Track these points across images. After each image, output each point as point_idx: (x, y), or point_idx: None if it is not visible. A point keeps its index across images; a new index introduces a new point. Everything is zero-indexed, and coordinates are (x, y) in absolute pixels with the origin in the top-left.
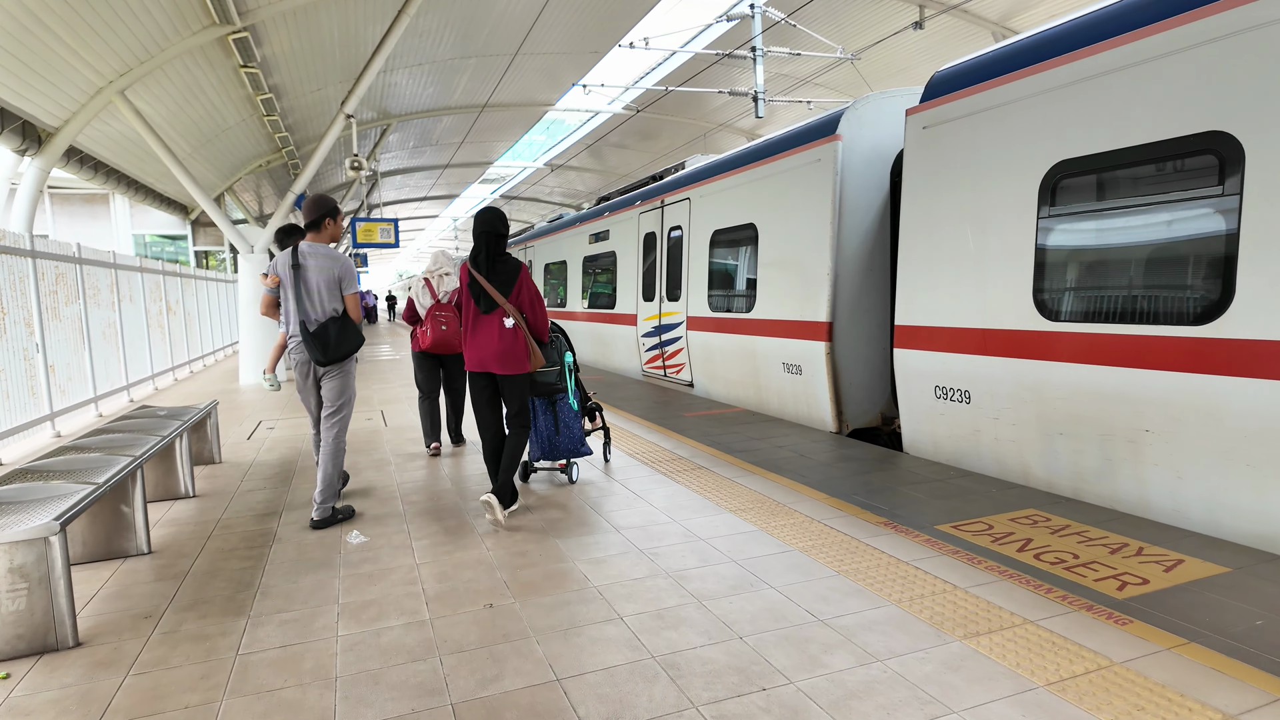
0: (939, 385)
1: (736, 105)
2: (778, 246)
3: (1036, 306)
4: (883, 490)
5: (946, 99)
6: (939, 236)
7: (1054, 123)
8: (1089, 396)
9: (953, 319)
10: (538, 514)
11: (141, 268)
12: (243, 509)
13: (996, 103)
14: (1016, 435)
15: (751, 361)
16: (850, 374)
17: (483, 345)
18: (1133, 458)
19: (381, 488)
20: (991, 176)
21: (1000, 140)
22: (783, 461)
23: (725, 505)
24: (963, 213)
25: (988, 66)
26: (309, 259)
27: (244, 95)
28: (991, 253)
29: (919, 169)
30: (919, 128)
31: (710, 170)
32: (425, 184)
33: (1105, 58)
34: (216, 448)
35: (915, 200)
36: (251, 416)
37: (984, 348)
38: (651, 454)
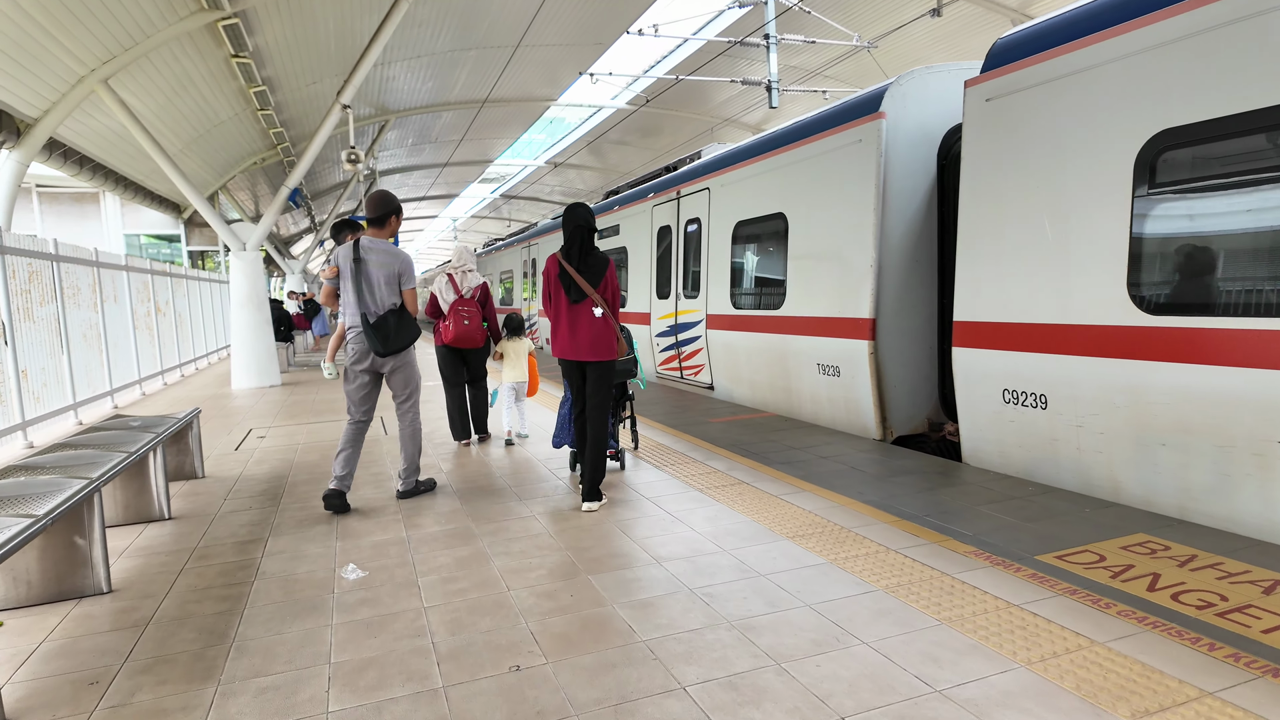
0: (1009, 388)
1: (742, 99)
2: (812, 237)
3: (1133, 299)
4: (958, 511)
5: (1016, 66)
6: (1009, 222)
7: (1156, 86)
8: (1202, 402)
9: (1027, 314)
10: (563, 540)
11: (127, 266)
12: (224, 534)
13: (1081, 66)
14: (1105, 445)
15: (781, 363)
16: (895, 376)
17: (574, 334)
18: (1260, 473)
19: (380, 508)
20: (1075, 151)
21: (1086, 109)
22: (832, 475)
23: (780, 530)
24: (1039, 194)
25: (1068, 26)
26: (370, 254)
27: (236, 88)
28: (1075, 238)
29: (983, 146)
30: (981, 100)
31: (733, 157)
32: (424, 183)
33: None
34: (199, 461)
35: (979, 181)
36: (242, 424)
37: (1066, 346)
38: (682, 466)
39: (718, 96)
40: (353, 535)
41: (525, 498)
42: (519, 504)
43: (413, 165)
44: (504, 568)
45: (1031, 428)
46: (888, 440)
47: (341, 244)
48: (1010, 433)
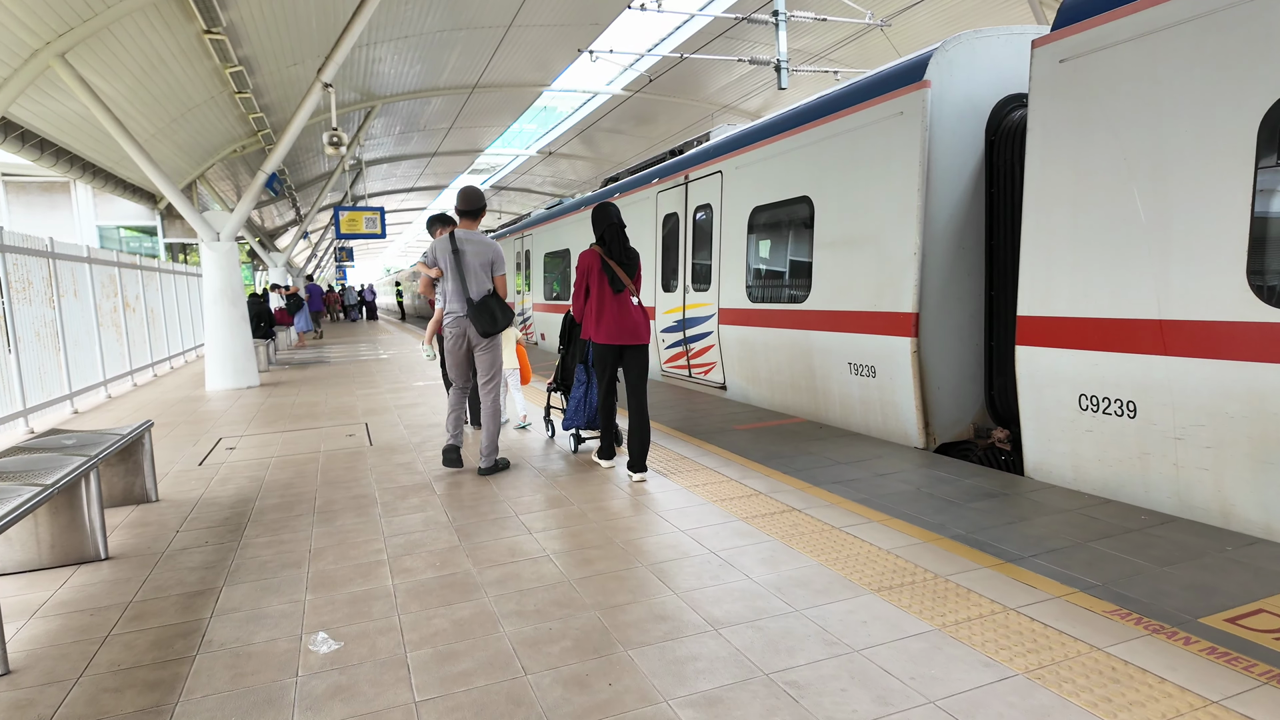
0: (1086, 393)
1: (741, 85)
2: (843, 222)
3: (1254, 290)
4: (1068, 549)
5: (1098, 20)
6: (1090, 200)
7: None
8: None
9: (1112, 308)
10: (588, 593)
11: (89, 258)
12: (168, 582)
13: (1188, 15)
14: (1214, 462)
15: (806, 361)
16: (939, 376)
17: (624, 321)
18: None
19: (363, 544)
20: (1179, 116)
21: (1194, 67)
22: (897, 499)
23: (859, 579)
24: (1130, 167)
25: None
26: (467, 244)
27: (211, 68)
28: (1179, 218)
29: (1057, 114)
30: (1053, 62)
31: (749, 137)
32: (412, 174)
33: None
34: (151, 481)
35: (1052, 154)
36: (210, 432)
37: (1163, 345)
38: (716, 486)
39: (715, 82)
40: (328, 583)
41: (530, 514)
42: (527, 536)
43: (400, 155)
44: (516, 636)
45: (1116, 439)
46: (930, 448)
47: (436, 237)
48: (1087, 444)
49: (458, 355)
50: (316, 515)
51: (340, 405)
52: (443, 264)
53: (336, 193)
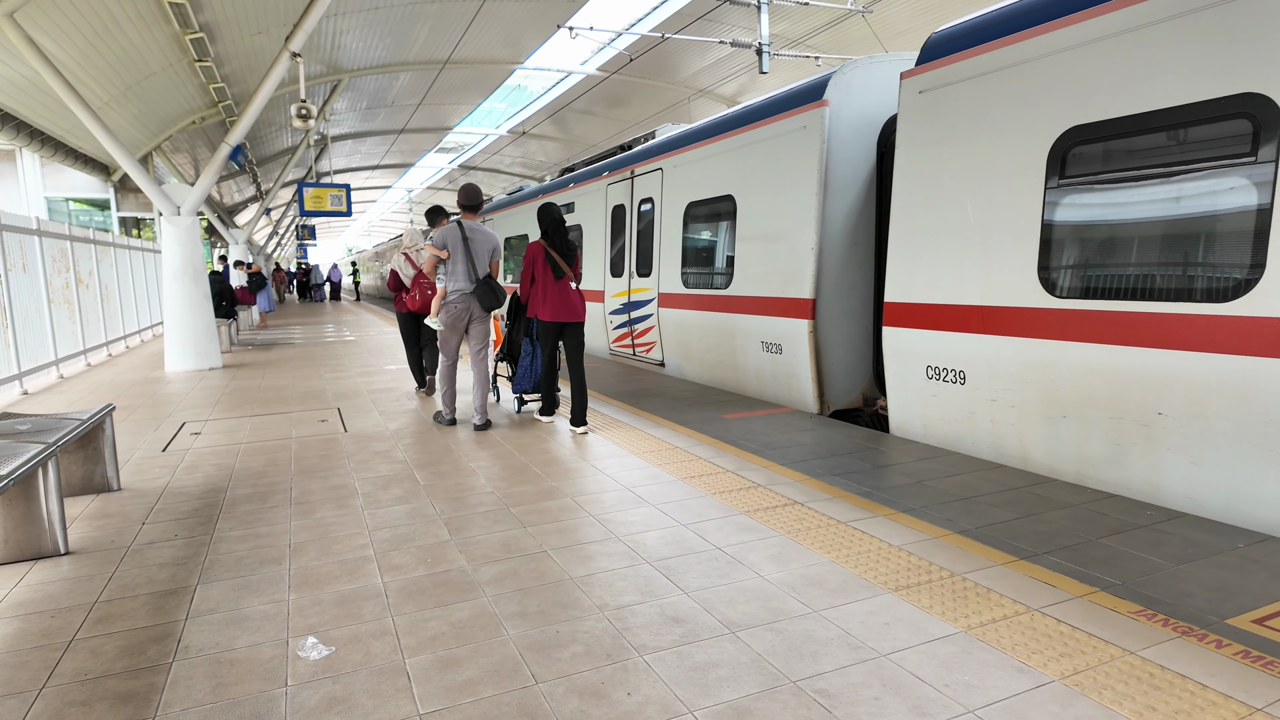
0: (931, 365)
1: (717, 70)
2: (758, 219)
3: (1042, 283)
4: (1079, 545)
5: (947, 60)
6: (937, 208)
7: (1068, 85)
8: (1098, 378)
9: (950, 296)
10: (590, 587)
11: (39, 230)
12: (136, 580)
13: (1006, 63)
14: (1017, 418)
15: (729, 340)
16: (833, 353)
17: (565, 302)
18: (1145, 442)
19: (346, 538)
20: (996, 143)
21: (1008, 104)
22: (899, 491)
23: (875, 578)
24: (963, 183)
25: (996, 25)
26: (474, 233)
27: (169, 34)
28: (994, 226)
29: (916, 136)
30: (915, 92)
31: (685, 139)
32: (378, 151)
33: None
34: (113, 469)
35: (910, 170)
36: (173, 416)
37: (984, 326)
38: (713, 479)
39: (691, 66)
40: (311, 581)
41: (524, 506)
42: (521, 530)
43: (366, 131)
44: (522, 640)
45: (952, 402)
46: (825, 414)
47: (438, 226)
48: (933, 406)
49: (459, 328)
50: (294, 507)
51: (310, 389)
52: (453, 249)
53: (299, 169)
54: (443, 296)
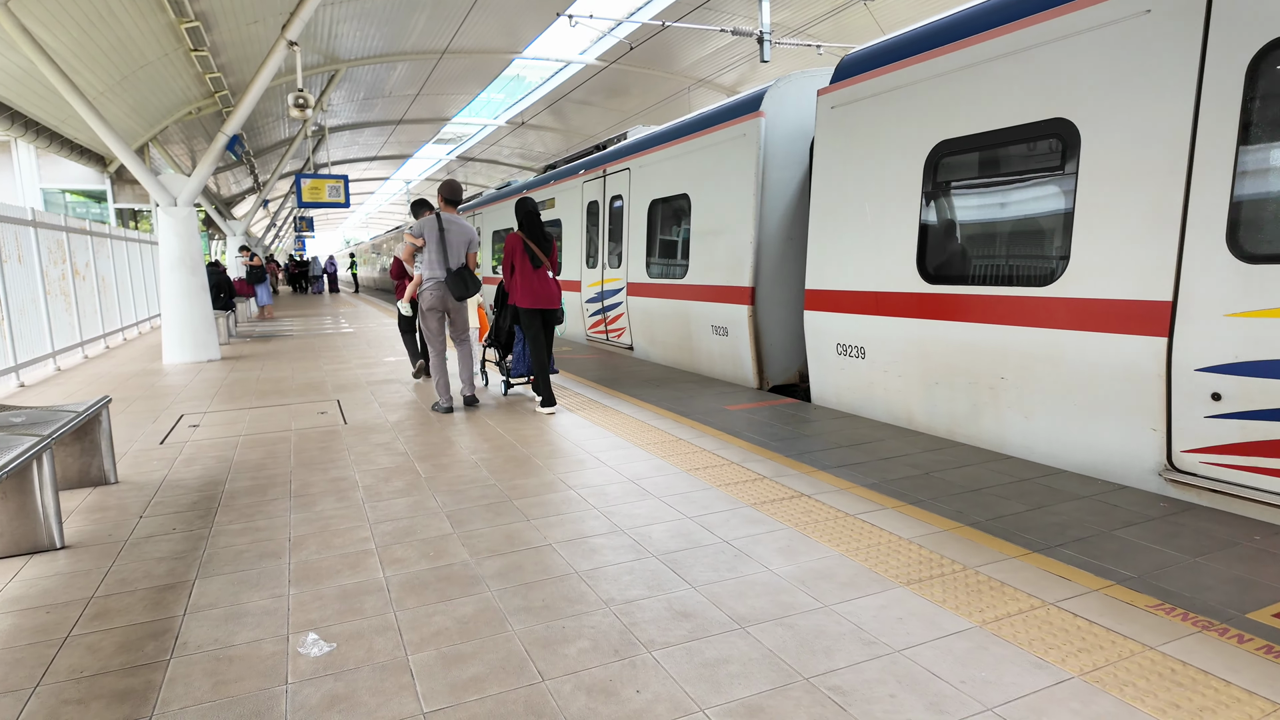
0: (840, 343)
1: (716, 60)
2: (708, 216)
3: (920, 273)
4: (1094, 539)
5: (852, 81)
6: (844, 208)
7: (940, 105)
8: (960, 350)
9: (854, 284)
10: (595, 581)
11: (35, 221)
12: (133, 574)
13: (895, 85)
14: (903, 386)
15: (686, 325)
16: (771, 335)
17: (544, 290)
18: (992, 402)
19: (347, 531)
20: (887, 154)
21: (896, 120)
22: (906, 483)
23: (886, 571)
24: (863, 186)
25: (890, 51)
26: (451, 225)
27: (165, 23)
28: (886, 223)
29: (827, 146)
30: (828, 107)
31: (649, 141)
32: (376, 142)
33: (976, 50)
34: (110, 461)
35: (824, 175)
36: (172, 408)
37: (878, 309)
38: (718, 471)
39: (690, 56)
40: (312, 575)
41: (528, 501)
42: (525, 523)
43: (364, 122)
44: (527, 635)
45: (855, 374)
46: (764, 389)
47: (420, 218)
48: (842, 378)
49: (437, 314)
50: (293, 500)
51: (309, 381)
52: (429, 239)
53: (297, 160)
54: (418, 284)
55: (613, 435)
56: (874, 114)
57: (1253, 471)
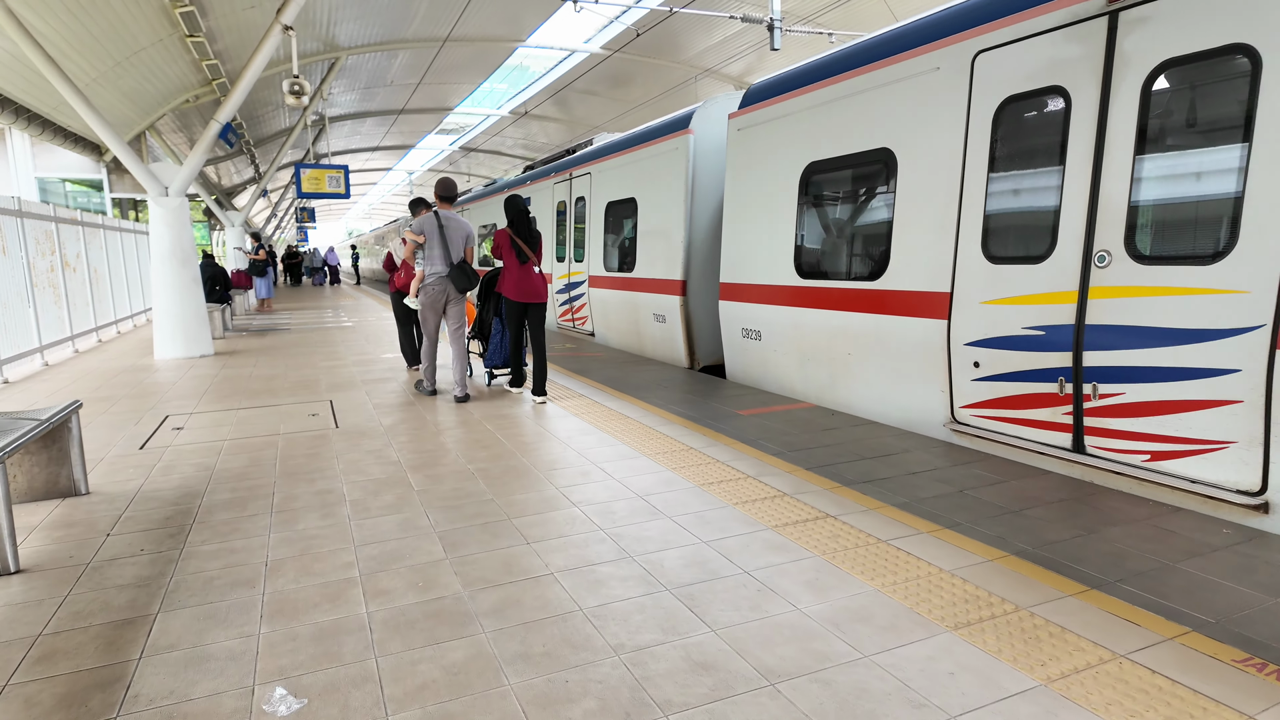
0: (744, 327)
1: (724, 49)
2: (651, 217)
3: (796, 269)
4: (1159, 572)
5: (753, 108)
6: (746, 215)
7: (809, 132)
8: (822, 332)
9: (752, 278)
10: (602, 620)
11: (20, 211)
12: (89, 609)
13: (782, 114)
14: (787, 363)
15: (634, 313)
16: (700, 322)
17: (530, 284)
18: (843, 374)
19: (330, 555)
20: (775, 171)
21: (781, 143)
22: (938, 503)
23: (929, 612)
24: (759, 197)
25: (780, 84)
26: (450, 222)
27: (158, 7)
28: (774, 228)
29: (734, 162)
30: (735, 129)
31: (607, 149)
32: (378, 132)
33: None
34: (81, 470)
35: (732, 186)
36: (157, 408)
37: (769, 299)
38: (734, 485)
39: (696, 45)
40: (287, 609)
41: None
42: (524, 547)
43: (365, 111)
44: (526, 692)
45: (755, 354)
46: (695, 368)
47: (418, 215)
48: (745, 357)
49: (437, 308)
50: (275, 515)
51: (302, 379)
52: (429, 235)
53: (297, 150)
54: (421, 279)
55: (619, 443)
56: (767, 137)
57: (999, 420)
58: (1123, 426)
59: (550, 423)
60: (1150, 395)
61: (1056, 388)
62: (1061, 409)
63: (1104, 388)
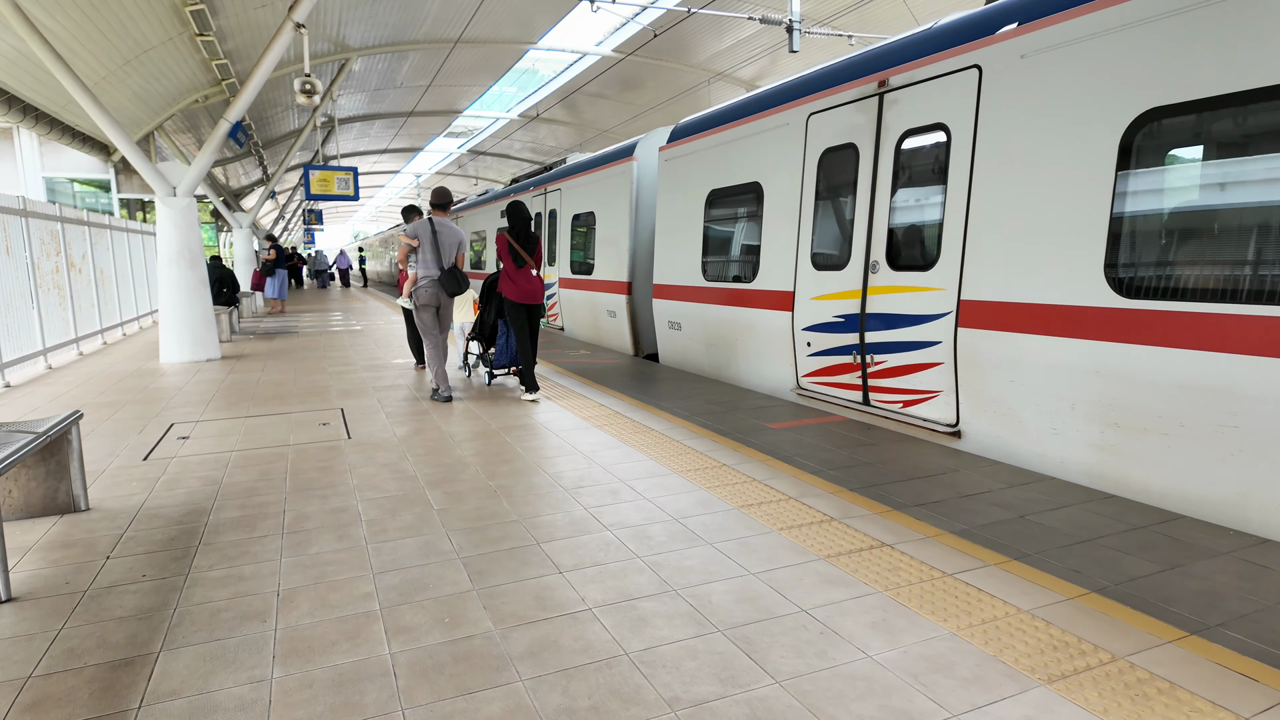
0: (670, 320)
1: (736, 52)
2: (605, 229)
3: (702, 273)
4: (1262, 614)
5: (676, 143)
6: (671, 229)
7: (711, 166)
8: (720, 323)
9: (675, 279)
10: (650, 666)
11: (25, 211)
12: (84, 646)
13: (693, 150)
14: (702, 348)
15: (593, 309)
16: (643, 317)
17: (528, 286)
18: (740, 354)
19: (346, 583)
20: (688, 195)
21: (692, 173)
22: (1006, 530)
23: (1018, 663)
24: (679, 215)
25: (695, 125)
26: (443, 229)
27: (169, 4)
28: (688, 240)
29: (663, 186)
30: (664, 160)
31: (575, 169)
32: (386, 134)
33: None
34: (80, 485)
35: (662, 206)
36: (162, 416)
37: (688, 297)
38: (775, 508)
39: (708, 49)
40: (302, 648)
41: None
42: (556, 576)
43: (374, 113)
44: None
45: (679, 341)
46: (640, 356)
47: (411, 221)
48: (672, 345)
49: (431, 309)
50: (286, 537)
51: (311, 385)
52: (423, 241)
53: (306, 152)
54: (414, 281)
55: (647, 458)
56: (684, 168)
57: (824, 385)
58: (888, 384)
59: (571, 435)
60: (900, 361)
61: (852, 359)
62: (855, 374)
63: (877, 357)
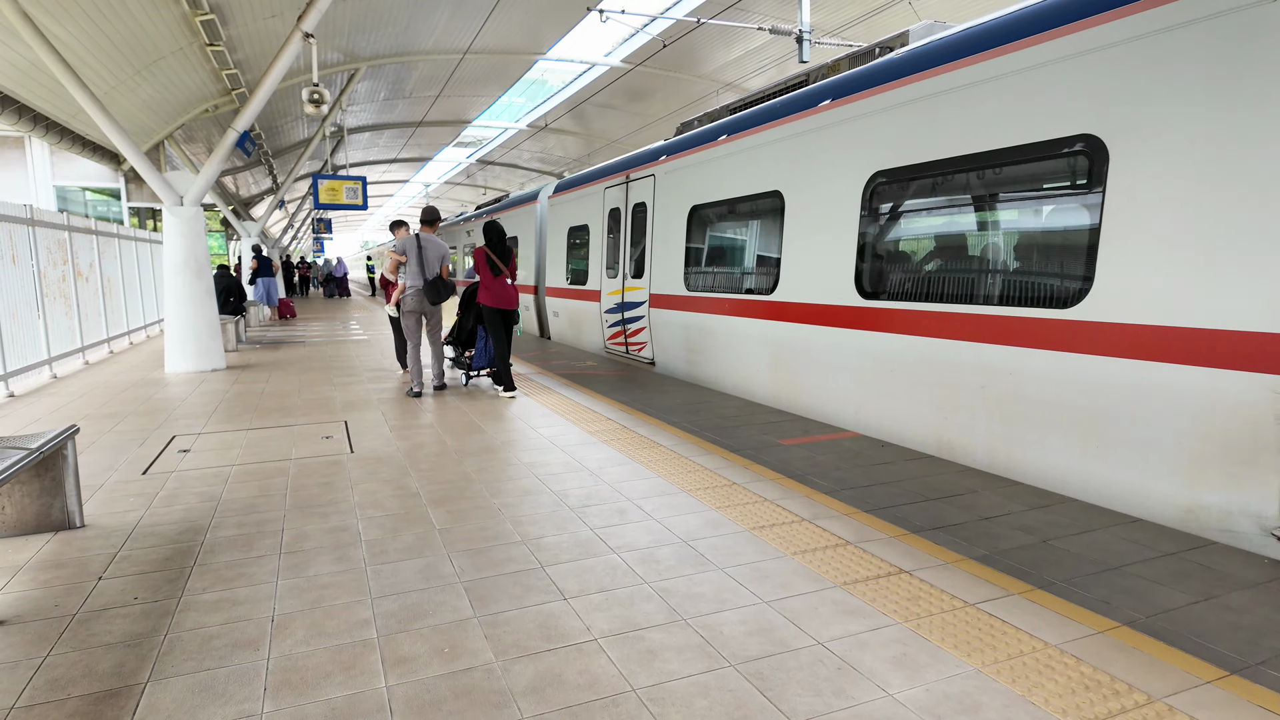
0: (553, 311)
1: (744, 64)
2: (523, 248)
3: (565, 279)
4: None
5: (558, 194)
6: (551, 250)
7: (573, 210)
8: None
9: (556, 284)
10: (660, 705)
11: (31, 219)
12: (68, 676)
13: (565, 200)
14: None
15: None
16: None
17: (503, 294)
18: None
19: (344, 609)
20: (559, 228)
21: (563, 215)
22: (1036, 561)
23: (1050, 705)
24: (554, 240)
25: (567, 184)
26: (428, 243)
27: (179, 14)
28: (556, 258)
29: (549, 222)
30: (550, 204)
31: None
32: (395, 144)
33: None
34: (76, 501)
35: (550, 235)
36: (164, 428)
37: (562, 295)
38: (788, 530)
39: (717, 59)
40: (295, 680)
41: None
42: (560, 603)
43: (383, 123)
44: None
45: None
46: (542, 337)
47: (398, 234)
48: (557, 327)
49: (415, 316)
50: (284, 558)
51: (316, 397)
52: (409, 254)
53: (315, 161)
54: (401, 291)
55: (654, 475)
56: (558, 211)
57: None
58: (632, 341)
59: (578, 451)
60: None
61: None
62: (622, 335)
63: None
